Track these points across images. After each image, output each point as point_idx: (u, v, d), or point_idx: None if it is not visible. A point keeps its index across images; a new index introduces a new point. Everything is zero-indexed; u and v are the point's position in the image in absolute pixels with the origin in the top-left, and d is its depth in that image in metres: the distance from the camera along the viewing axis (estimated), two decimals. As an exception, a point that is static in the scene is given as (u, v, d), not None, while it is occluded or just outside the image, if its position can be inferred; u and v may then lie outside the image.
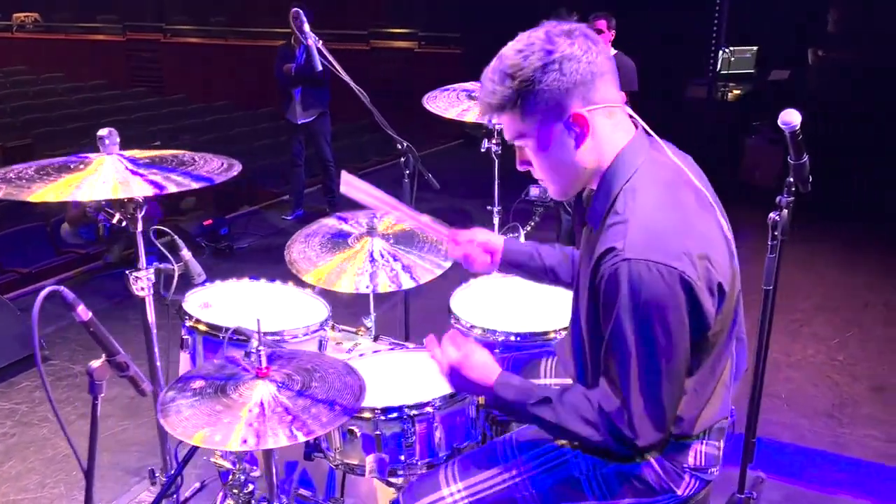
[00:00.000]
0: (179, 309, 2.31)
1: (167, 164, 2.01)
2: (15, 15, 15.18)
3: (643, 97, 5.52)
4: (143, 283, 2.01)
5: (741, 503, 2.81)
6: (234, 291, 2.58)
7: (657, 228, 1.44)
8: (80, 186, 1.78)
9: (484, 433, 2.17)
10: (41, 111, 11.01)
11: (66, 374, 4.31)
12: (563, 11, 1.54)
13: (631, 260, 1.40)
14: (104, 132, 1.86)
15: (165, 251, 2.11)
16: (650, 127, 1.60)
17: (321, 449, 2.09)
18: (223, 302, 2.42)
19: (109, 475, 3.40)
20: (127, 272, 2.01)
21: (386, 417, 1.97)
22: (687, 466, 1.64)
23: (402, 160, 3.10)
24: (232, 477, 2.32)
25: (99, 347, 1.49)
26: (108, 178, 1.82)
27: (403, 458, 1.99)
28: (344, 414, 1.61)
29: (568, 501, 1.69)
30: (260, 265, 5.40)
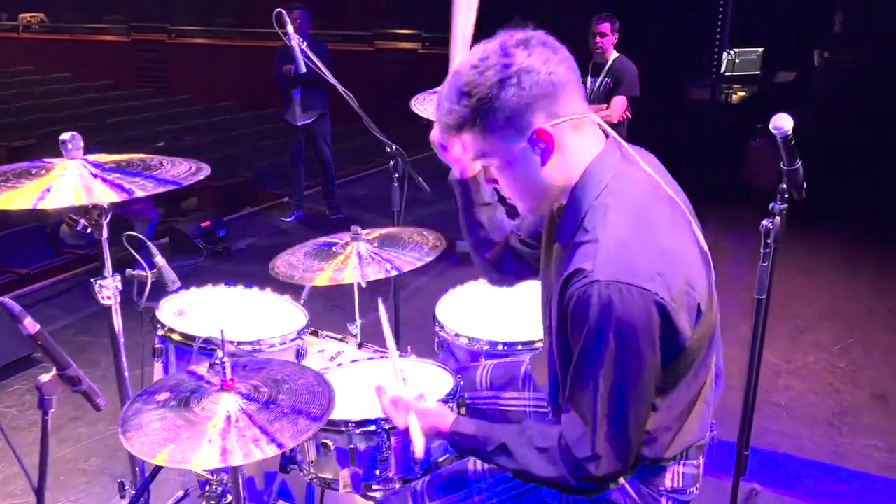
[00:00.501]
0: (153, 317, 2.27)
1: (133, 168, 1.96)
2: (21, 15, 15.24)
3: (645, 99, 5.46)
4: (108, 291, 1.96)
5: (734, 517, 2.75)
6: (209, 299, 2.53)
7: (629, 248, 1.35)
8: (42, 196, 1.72)
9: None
10: (46, 111, 11.02)
11: (57, 377, 4.28)
12: (517, 19, 1.43)
13: (601, 282, 1.32)
14: (66, 136, 1.80)
15: (139, 258, 2.07)
16: (652, 128, 1.52)
17: (296, 461, 2.05)
18: (198, 310, 2.38)
19: (98, 480, 3.37)
20: (92, 280, 1.97)
21: (360, 430, 1.91)
22: (664, 489, 1.57)
23: (391, 164, 3.06)
24: (209, 488, 2.28)
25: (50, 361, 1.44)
26: (70, 183, 1.77)
27: (378, 472, 1.94)
28: (309, 428, 1.56)
29: None
30: (258, 267, 5.38)
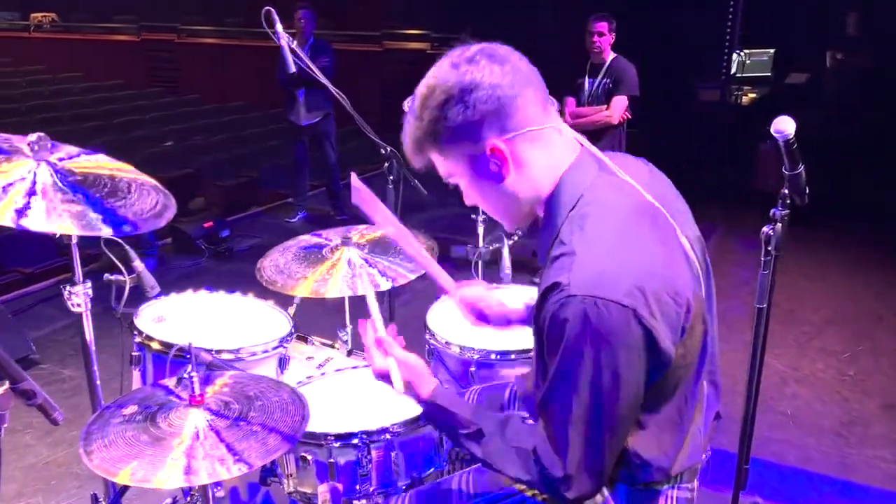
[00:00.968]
0: (131, 324, 2.21)
1: (98, 188, 1.81)
2: (33, 15, 15.28)
3: (654, 99, 5.38)
4: (79, 298, 1.90)
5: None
6: (190, 304, 2.47)
7: (606, 261, 1.29)
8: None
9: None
10: (56, 110, 11.03)
11: (54, 378, 4.25)
12: (464, 36, 1.40)
13: (577, 297, 1.25)
14: (33, 137, 1.73)
15: (117, 262, 2.01)
16: (660, 129, 1.45)
17: (276, 474, 1.99)
18: (179, 316, 2.32)
19: (90, 485, 3.30)
20: (62, 286, 1.91)
21: (340, 444, 1.85)
22: None
23: (386, 165, 3.00)
24: (190, 498, 2.22)
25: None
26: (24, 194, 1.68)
27: (359, 487, 1.88)
28: (278, 448, 1.50)
29: None
30: (258, 269, 5.36)
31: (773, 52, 8.99)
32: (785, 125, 2.14)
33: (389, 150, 2.94)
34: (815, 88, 8.47)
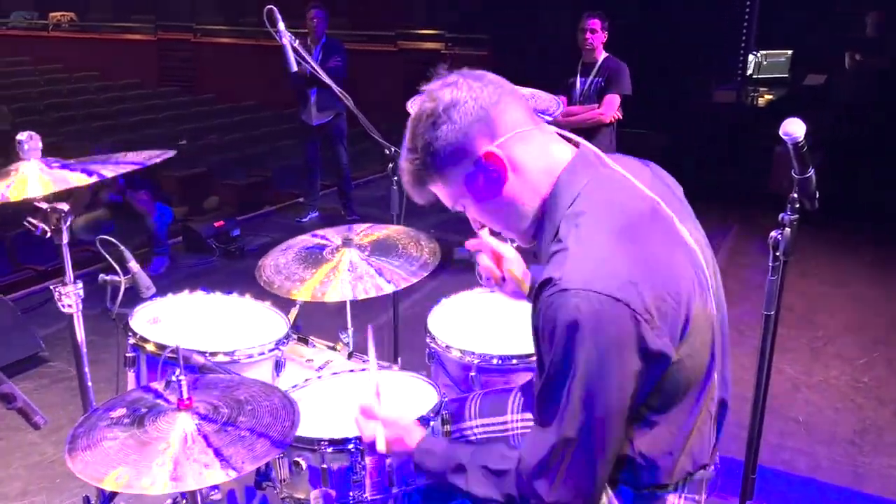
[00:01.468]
0: (125, 325, 2.19)
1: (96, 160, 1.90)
2: (51, 14, 15.42)
3: (670, 100, 5.32)
4: (69, 299, 1.89)
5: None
6: (186, 306, 2.44)
7: (599, 255, 1.27)
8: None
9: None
10: (72, 109, 11.10)
11: (63, 376, 4.25)
12: (440, 68, 1.47)
13: (569, 291, 1.24)
14: (23, 136, 1.73)
15: (113, 262, 1.99)
16: (674, 129, 1.43)
17: (270, 479, 1.96)
18: (175, 317, 2.29)
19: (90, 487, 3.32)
20: (51, 286, 1.89)
21: (333, 449, 1.82)
22: None
23: (389, 167, 2.97)
24: (187, 501, 2.19)
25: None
26: (34, 179, 1.70)
27: (352, 493, 1.85)
28: (267, 454, 1.47)
29: None
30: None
31: (791, 53, 8.89)
32: (794, 128, 2.08)
33: (394, 150, 2.90)
34: (833, 90, 8.35)
